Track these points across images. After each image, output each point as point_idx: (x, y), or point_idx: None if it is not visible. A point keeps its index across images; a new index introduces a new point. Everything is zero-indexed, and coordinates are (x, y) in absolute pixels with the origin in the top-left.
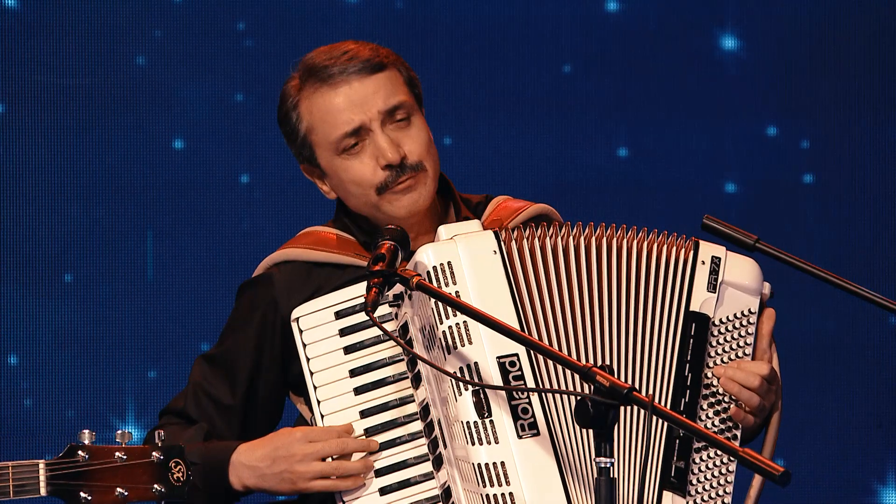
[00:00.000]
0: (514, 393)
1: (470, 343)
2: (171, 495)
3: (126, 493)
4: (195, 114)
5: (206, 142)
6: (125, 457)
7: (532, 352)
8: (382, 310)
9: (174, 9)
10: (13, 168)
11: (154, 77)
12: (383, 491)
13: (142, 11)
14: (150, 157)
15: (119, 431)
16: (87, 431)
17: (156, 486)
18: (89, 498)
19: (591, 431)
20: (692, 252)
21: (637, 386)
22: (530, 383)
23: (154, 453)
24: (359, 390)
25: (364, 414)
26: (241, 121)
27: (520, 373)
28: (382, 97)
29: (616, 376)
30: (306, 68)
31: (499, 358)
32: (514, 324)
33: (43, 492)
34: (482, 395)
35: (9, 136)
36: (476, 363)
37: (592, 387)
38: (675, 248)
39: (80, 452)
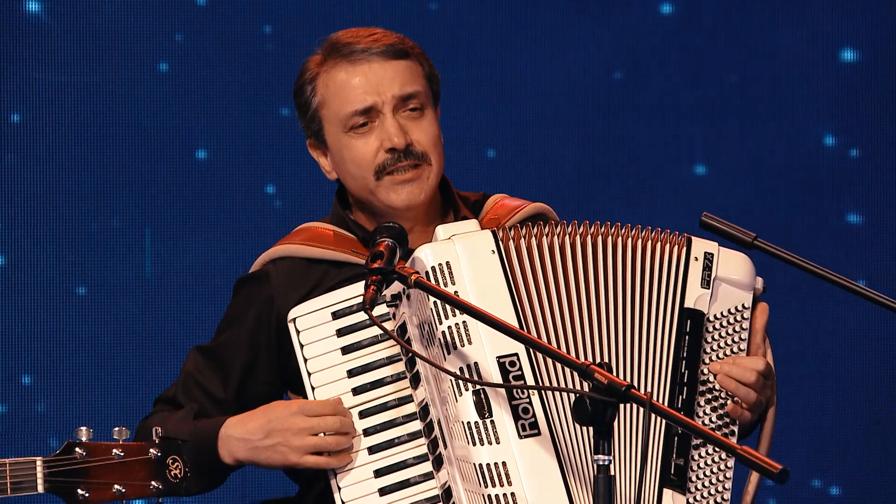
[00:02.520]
0: (515, 393)
1: (470, 343)
2: (168, 492)
3: (124, 490)
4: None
5: (227, 147)
6: (123, 454)
7: (532, 351)
8: (380, 309)
9: (197, 12)
10: (32, 175)
11: (173, 82)
12: (383, 491)
13: (163, 15)
14: (156, 160)
15: (116, 429)
16: (84, 428)
17: (153, 483)
18: (87, 495)
19: (591, 430)
20: (685, 248)
21: (635, 383)
22: (530, 383)
23: (151, 450)
24: (357, 390)
25: (363, 414)
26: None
27: (520, 372)
28: (399, 83)
29: (614, 374)
30: (330, 44)
31: (499, 358)
32: (513, 323)
33: (40, 489)
34: (483, 395)
35: (24, 144)
36: (476, 363)
37: (591, 384)
38: (668, 245)
39: (77, 449)
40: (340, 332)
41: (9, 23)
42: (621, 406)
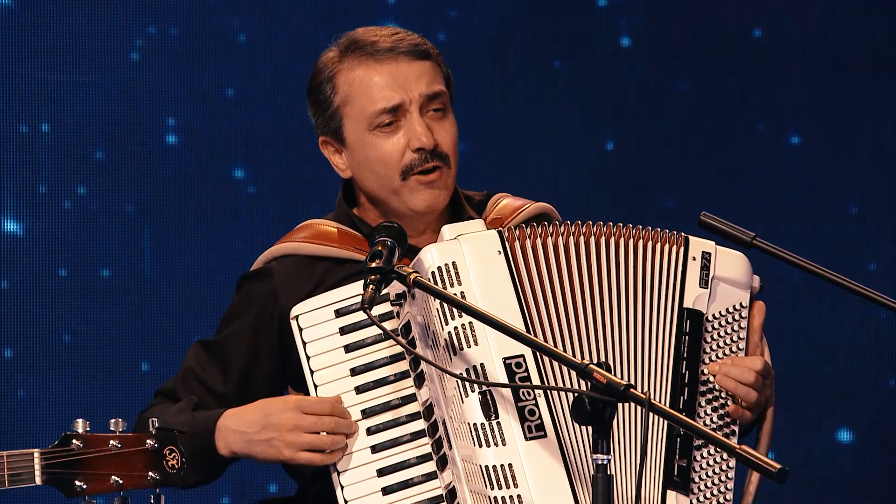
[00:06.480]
0: (521, 394)
1: (476, 344)
2: (165, 482)
3: (121, 481)
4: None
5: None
6: (119, 445)
7: (537, 352)
8: (383, 308)
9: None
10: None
11: (147, 72)
12: (385, 490)
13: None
14: (145, 152)
15: (113, 420)
16: (80, 420)
17: (150, 473)
18: (84, 486)
19: (590, 430)
20: (682, 248)
21: (637, 384)
22: (536, 384)
23: (148, 441)
24: (360, 389)
25: (366, 413)
26: (234, 115)
27: (526, 374)
28: (426, 82)
29: (617, 374)
30: (350, 42)
31: (505, 359)
32: (519, 323)
33: (38, 481)
34: (489, 397)
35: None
36: (482, 364)
37: (590, 384)
38: (666, 245)
39: (74, 441)
40: (343, 330)
41: (36, 30)
42: (623, 407)
